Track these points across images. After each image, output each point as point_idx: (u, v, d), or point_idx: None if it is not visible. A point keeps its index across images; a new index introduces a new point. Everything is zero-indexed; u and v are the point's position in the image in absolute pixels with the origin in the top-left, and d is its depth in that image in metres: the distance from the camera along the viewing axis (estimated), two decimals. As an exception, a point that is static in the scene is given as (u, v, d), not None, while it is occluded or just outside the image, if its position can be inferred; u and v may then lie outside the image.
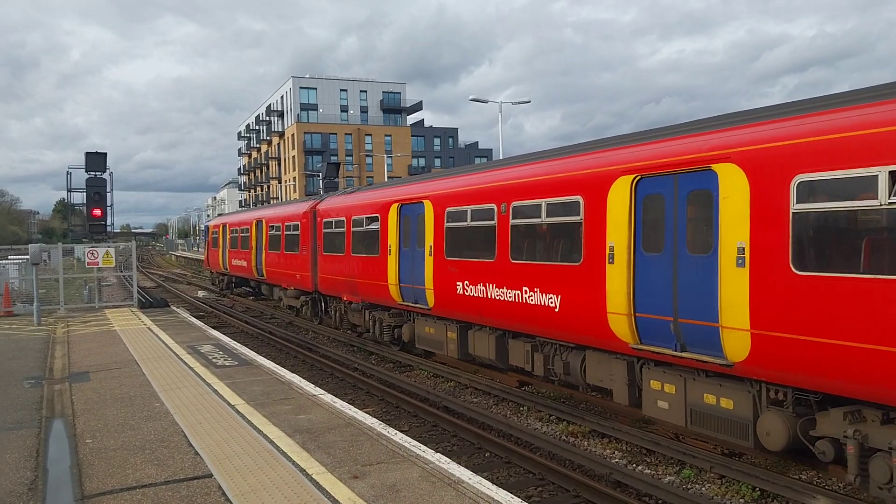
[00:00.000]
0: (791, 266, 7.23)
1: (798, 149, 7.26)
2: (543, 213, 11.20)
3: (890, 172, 6.42)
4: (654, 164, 9.03)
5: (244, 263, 30.56)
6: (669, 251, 8.83)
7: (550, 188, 11.06)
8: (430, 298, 14.51)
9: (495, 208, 12.16)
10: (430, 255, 14.30)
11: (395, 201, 16.25)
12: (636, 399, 9.84)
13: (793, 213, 7.24)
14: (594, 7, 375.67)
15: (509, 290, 11.82)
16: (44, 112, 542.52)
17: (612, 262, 9.53)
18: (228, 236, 34.00)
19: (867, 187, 6.60)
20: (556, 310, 10.70)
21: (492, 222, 12.33)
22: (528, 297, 11.33)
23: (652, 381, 9.35)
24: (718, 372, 8.41)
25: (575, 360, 11.08)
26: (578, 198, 10.35)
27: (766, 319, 7.46)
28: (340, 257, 19.18)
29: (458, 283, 13.37)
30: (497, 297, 12.16)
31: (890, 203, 6.41)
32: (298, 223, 23.02)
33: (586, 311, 10.03)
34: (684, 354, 8.56)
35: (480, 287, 12.62)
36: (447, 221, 13.88)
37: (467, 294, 13.10)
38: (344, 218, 19.10)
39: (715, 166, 8.16)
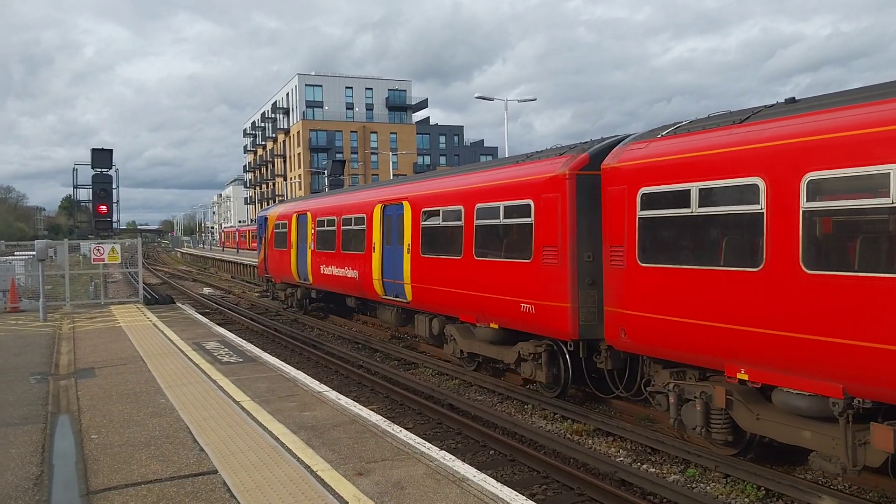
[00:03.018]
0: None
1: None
2: None
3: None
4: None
5: (353, 274, 19.16)
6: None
7: None
8: None
9: None
10: None
11: None
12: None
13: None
14: (608, 6, 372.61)
15: None
16: (56, 109, 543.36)
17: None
18: (313, 231, 22.64)
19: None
20: None
21: None
22: None
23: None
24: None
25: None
26: None
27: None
28: (731, 277, 8.24)
29: None
30: None
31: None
32: (530, 203, 11.66)
33: None
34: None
35: None
36: None
37: None
38: (759, 181, 7.94)
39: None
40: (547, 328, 11.54)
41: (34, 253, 22.95)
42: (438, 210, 14.88)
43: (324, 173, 56.94)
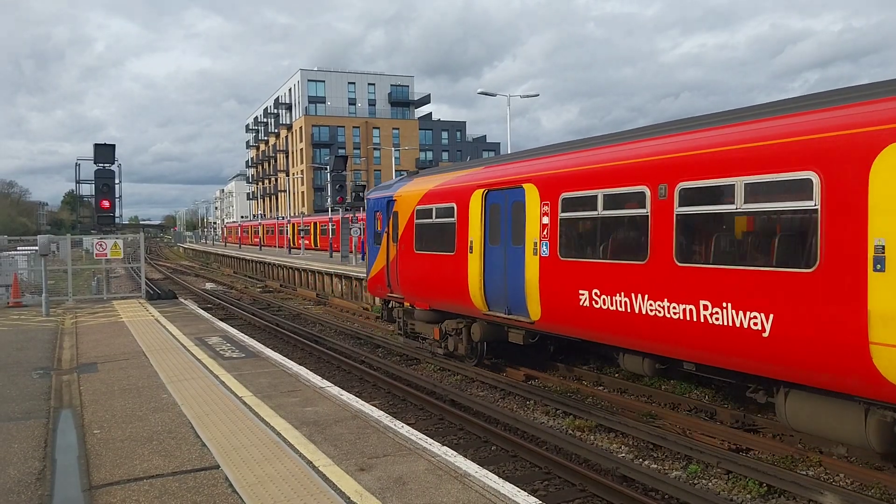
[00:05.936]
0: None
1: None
2: None
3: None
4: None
5: (749, 320, 7.82)
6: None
7: None
8: None
9: None
10: None
11: None
12: None
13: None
14: (619, 1, 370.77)
15: None
16: (65, 104, 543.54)
17: None
18: (545, 221, 11.48)
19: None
20: None
21: None
22: None
23: None
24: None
25: None
26: None
27: None
28: None
29: None
30: None
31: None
32: None
33: None
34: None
35: None
36: None
37: None
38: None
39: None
40: None
41: (37, 248, 22.96)
42: None
43: (326, 169, 56.97)
